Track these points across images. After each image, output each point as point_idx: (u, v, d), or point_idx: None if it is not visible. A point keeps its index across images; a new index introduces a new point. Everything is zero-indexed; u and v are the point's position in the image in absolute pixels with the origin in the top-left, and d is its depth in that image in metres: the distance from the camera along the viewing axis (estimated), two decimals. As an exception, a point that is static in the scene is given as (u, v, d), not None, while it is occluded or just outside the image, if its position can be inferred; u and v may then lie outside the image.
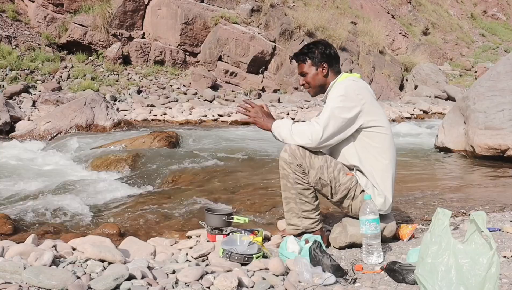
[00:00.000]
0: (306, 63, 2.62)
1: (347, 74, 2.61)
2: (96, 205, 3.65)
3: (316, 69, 2.61)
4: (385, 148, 2.50)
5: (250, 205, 3.55)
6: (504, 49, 22.16)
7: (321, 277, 2.00)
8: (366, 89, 2.52)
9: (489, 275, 1.65)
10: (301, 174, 2.42)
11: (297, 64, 2.68)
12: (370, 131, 2.47)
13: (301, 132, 2.42)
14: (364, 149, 2.48)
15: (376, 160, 2.48)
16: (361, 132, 2.47)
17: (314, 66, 2.61)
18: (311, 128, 2.41)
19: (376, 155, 2.48)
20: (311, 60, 2.61)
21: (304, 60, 2.63)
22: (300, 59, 2.65)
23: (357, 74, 2.66)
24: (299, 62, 2.66)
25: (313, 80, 2.62)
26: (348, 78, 2.57)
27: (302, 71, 2.65)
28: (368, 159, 2.47)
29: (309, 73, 2.62)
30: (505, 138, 5.27)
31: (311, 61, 2.61)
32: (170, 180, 4.40)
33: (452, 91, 14.28)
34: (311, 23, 13.42)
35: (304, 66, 2.62)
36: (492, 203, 3.52)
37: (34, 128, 6.92)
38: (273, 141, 2.88)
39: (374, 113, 2.48)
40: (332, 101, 2.45)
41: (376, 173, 2.47)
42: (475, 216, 1.73)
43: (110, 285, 1.76)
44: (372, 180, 2.47)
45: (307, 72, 2.63)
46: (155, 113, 9.16)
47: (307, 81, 2.64)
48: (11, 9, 11.53)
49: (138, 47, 11.94)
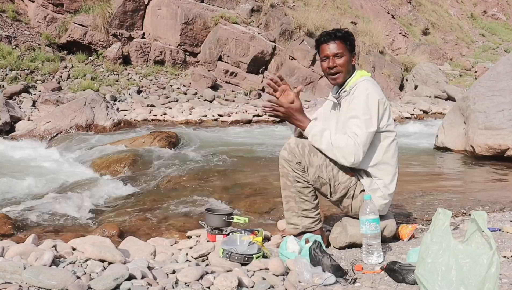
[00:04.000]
0: (346, 45, 2.42)
1: (361, 72, 2.49)
2: (96, 205, 3.65)
3: (350, 56, 2.46)
4: (395, 152, 2.49)
5: (250, 205, 3.55)
6: (504, 49, 22.14)
7: (321, 277, 2.00)
8: (381, 91, 2.46)
9: (489, 275, 1.64)
10: (301, 172, 2.41)
11: (330, 43, 2.42)
12: (385, 135, 2.44)
13: (342, 150, 2.31)
14: (378, 153, 2.44)
15: (387, 164, 2.47)
16: (378, 136, 2.42)
17: (349, 52, 2.45)
18: (354, 151, 2.29)
19: (387, 159, 2.46)
20: (350, 45, 2.44)
21: (346, 41, 2.41)
22: (343, 38, 2.41)
23: (366, 72, 2.55)
24: (339, 40, 2.40)
25: (347, 65, 2.44)
26: (363, 77, 2.46)
27: (338, 52, 2.40)
28: (380, 163, 2.46)
29: (345, 56, 2.42)
30: (505, 138, 5.27)
31: (351, 46, 2.44)
32: (170, 180, 4.40)
33: (452, 91, 14.27)
34: (311, 23, 13.41)
35: (342, 47, 2.41)
36: (492, 203, 3.52)
37: (34, 128, 6.92)
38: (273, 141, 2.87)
39: (390, 116, 2.45)
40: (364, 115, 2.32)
41: (386, 177, 2.46)
42: (475, 215, 1.73)
43: (110, 285, 1.76)
44: (379, 183, 2.46)
45: (343, 54, 2.41)
46: (155, 113, 9.16)
47: (340, 64, 2.42)
48: (11, 9, 11.52)
49: (138, 47, 11.94)
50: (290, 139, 2.47)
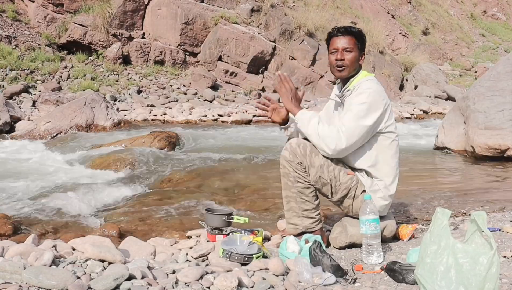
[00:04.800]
0: (357, 42, 2.47)
1: (365, 72, 2.52)
2: (96, 205, 3.65)
3: (359, 54, 2.50)
4: (396, 153, 2.49)
5: (250, 205, 3.55)
6: (504, 49, 22.14)
7: (321, 277, 2.00)
8: (384, 91, 2.48)
9: (489, 275, 1.64)
10: (302, 173, 2.41)
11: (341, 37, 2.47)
12: (385, 136, 2.45)
13: (326, 137, 2.33)
14: (378, 154, 2.45)
15: (388, 165, 2.47)
16: (378, 136, 2.44)
17: (359, 50, 2.49)
18: (336, 138, 2.32)
19: (387, 160, 2.47)
20: (360, 42, 2.48)
21: (358, 38, 2.47)
22: (355, 34, 2.47)
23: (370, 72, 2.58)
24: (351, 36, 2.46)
25: (353, 62, 2.47)
26: (367, 77, 2.49)
27: (348, 46, 2.45)
28: (380, 164, 2.46)
29: (354, 52, 2.46)
30: (505, 138, 5.27)
31: (360, 43, 2.48)
32: (170, 180, 4.40)
33: (452, 91, 14.27)
34: (311, 23, 13.41)
35: (352, 43, 2.46)
36: (492, 203, 3.52)
37: (34, 128, 6.92)
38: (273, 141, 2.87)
39: (390, 117, 2.46)
40: (358, 109, 2.35)
41: (386, 178, 2.47)
42: (475, 215, 1.73)
43: (110, 285, 1.76)
44: (380, 184, 2.46)
45: (352, 50, 2.46)
46: (155, 113, 9.16)
47: (348, 59, 2.45)
48: (11, 9, 11.52)
49: (138, 47, 11.94)
50: (291, 139, 2.47)
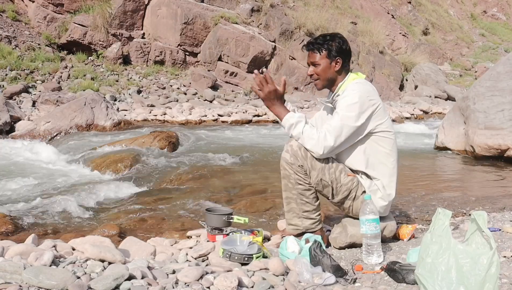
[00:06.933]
0: (321, 54, 2.50)
1: (354, 76, 2.53)
2: (96, 205, 3.65)
3: (330, 62, 2.50)
4: (391, 153, 2.49)
5: (250, 205, 3.55)
6: (504, 49, 22.15)
7: (321, 277, 2.00)
8: (374, 92, 2.48)
9: (489, 275, 1.64)
10: (303, 175, 2.42)
11: (309, 52, 2.54)
12: (378, 136, 2.45)
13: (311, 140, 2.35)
14: (372, 154, 2.46)
15: (383, 165, 2.47)
16: (370, 136, 2.44)
17: (328, 58, 2.50)
18: (322, 140, 2.34)
19: (383, 160, 2.47)
20: (326, 52, 2.50)
21: (320, 50, 2.50)
22: (315, 48, 2.51)
23: (362, 74, 2.58)
24: (313, 51, 2.52)
25: (324, 73, 2.51)
26: (356, 80, 2.50)
27: (314, 61, 2.52)
28: (375, 164, 2.46)
29: (321, 64, 2.50)
30: (505, 138, 5.27)
31: (327, 52, 2.50)
32: (170, 180, 4.40)
33: (452, 91, 14.28)
34: (311, 23, 13.41)
35: (317, 56, 2.50)
36: (492, 203, 3.52)
37: (34, 128, 6.92)
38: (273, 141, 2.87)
39: (382, 117, 2.46)
40: (344, 110, 2.37)
41: (383, 178, 2.47)
42: (476, 215, 1.73)
43: (110, 285, 1.76)
44: (378, 184, 2.46)
45: (319, 63, 2.50)
46: (155, 113, 9.15)
47: (317, 72, 2.52)
48: (11, 9, 11.51)
49: (138, 47, 11.93)
50: (292, 141, 2.45)
